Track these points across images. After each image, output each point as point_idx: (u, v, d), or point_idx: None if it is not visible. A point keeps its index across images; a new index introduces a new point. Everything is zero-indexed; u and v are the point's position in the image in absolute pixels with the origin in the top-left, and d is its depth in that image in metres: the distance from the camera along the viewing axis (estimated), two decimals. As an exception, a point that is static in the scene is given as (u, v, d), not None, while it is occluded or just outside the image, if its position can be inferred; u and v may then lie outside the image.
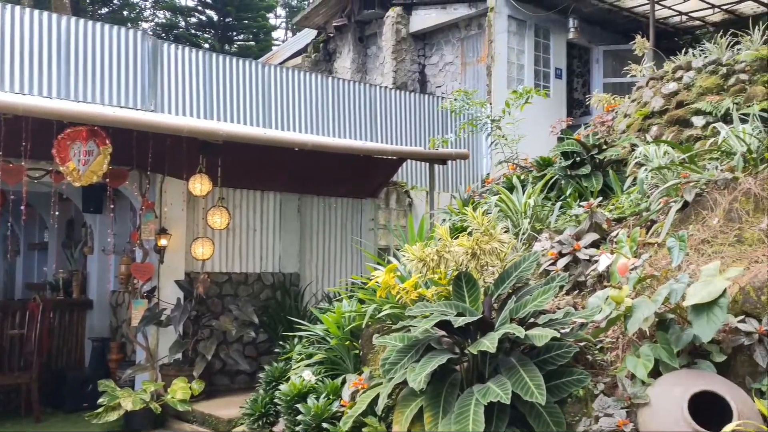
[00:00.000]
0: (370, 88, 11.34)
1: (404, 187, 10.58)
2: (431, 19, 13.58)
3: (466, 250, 4.77)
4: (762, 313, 4.21)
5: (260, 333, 8.71)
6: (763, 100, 6.74)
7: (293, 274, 9.43)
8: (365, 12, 14.21)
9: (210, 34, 30.72)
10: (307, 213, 9.61)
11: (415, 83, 13.95)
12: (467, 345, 4.40)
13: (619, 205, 6.40)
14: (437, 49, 14.01)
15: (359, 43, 14.88)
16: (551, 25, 13.12)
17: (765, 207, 5.01)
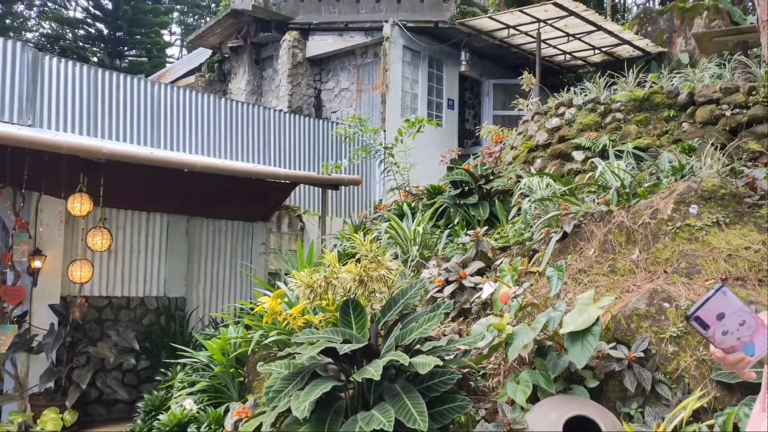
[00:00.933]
0: (264, 110, 11.24)
1: (297, 211, 10.51)
2: (328, 45, 13.67)
3: (354, 276, 4.77)
4: (632, 340, 4.44)
5: (141, 360, 8.35)
6: (636, 138, 7.18)
7: (179, 299, 9.13)
8: (262, 35, 14.12)
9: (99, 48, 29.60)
10: (196, 235, 9.36)
11: (310, 107, 13.96)
12: (353, 372, 4.38)
13: (504, 234, 6.61)
14: (333, 75, 14.10)
15: (255, 65, 14.76)
16: (445, 57, 13.50)
17: (636, 239, 5.30)
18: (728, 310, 1.45)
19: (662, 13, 13.32)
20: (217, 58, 15.52)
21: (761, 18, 4.10)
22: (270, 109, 11.41)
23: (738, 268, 4.78)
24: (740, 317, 1.44)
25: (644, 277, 5.01)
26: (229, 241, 9.69)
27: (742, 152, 6.39)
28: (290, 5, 13.97)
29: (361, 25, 13.09)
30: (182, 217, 9.17)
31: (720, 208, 5.26)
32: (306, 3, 13.83)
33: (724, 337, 1.46)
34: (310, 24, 13.73)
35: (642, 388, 4.20)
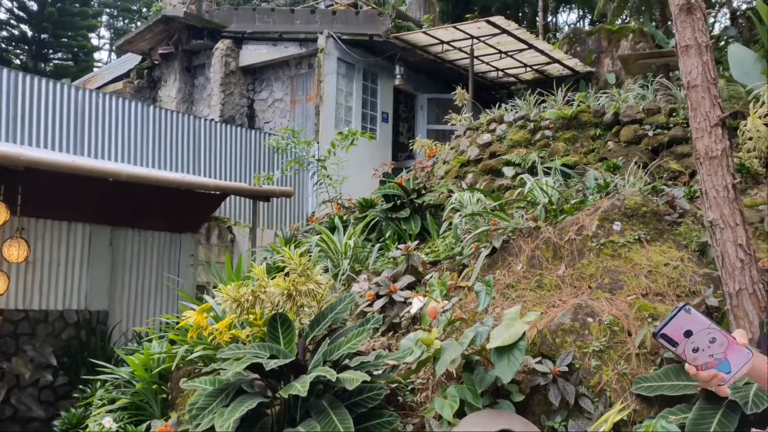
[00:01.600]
0: (195, 120, 11.03)
1: (227, 222, 10.33)
2: (262, 55, 13.54)
3: (283, 291, 4.70)
4: (557, 355, 4.51)
5: (59, 376, 8.00)
6: (564, 155, 7.35)
7: (101, 312, 8.81)
8: (194, 42, 13.88)
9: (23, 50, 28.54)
10: (120, 246, 9.07)
11: (243, 117, 13.78)
12: (280, 388, 4.30)
13: (435, 248, 6.64)
14: (267, 85, 13.97)
15: (186, 72, 14.49)
16: (379, 70, 13.56)
17: (562, 255, 5.40)
18: (695, 328, 1.47)
19: (591, 34, 13.74)
20: (147, 65, 15.17)
21: (679, 43, 4.25)
22: (201, 118, 11.21)
23: (658, 284, 4.93)
24: (709, 334, 1.47)
25: (570, 293, 5.11)
26: (155, 252, 9.42)
27: (663, 171, 6.62)
28: (224, 13, 13.79)
29: (295, 35, 13.03)
30: (106, 228, 8.88)
31: (642, 226, 5.41)
32: (240, 12, 13.68)
33: (695, 354, 1.48)
34: (244, 33, 13.58)
35: (566, 401, 4.27)
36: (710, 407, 3.76)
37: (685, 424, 3.73)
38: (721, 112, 4.12)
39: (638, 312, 4.66)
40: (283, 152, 9.73)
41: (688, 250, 5.30)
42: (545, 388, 4.33)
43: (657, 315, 4.61)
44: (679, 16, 4.21)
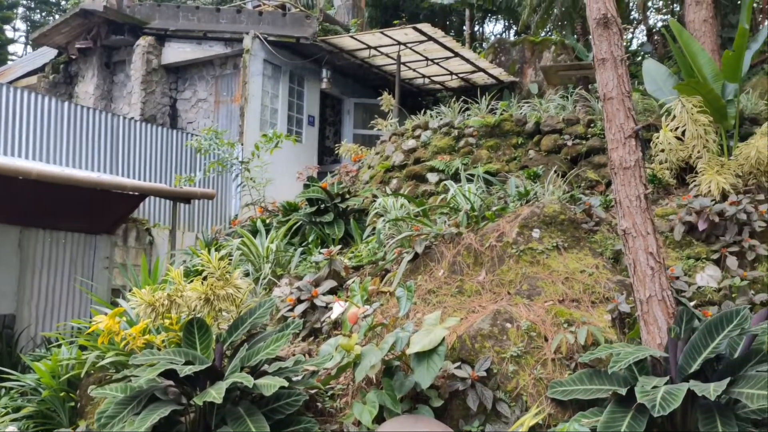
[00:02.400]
0: (113, 118, 10.67)
1: (145, 224, 10.03)
2: (185, 54, 13.23)
3: (200, 295, 4.58)
4: (476, 360, 4.55)
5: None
6: (487, 162, 7.46)
7: (8, 316, 8.39)
8: (114, 37, 13.43)
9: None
10: (30, 247, 8.66)
11: (165, 117, 13.42)
12: (195, 395, 4.19)
13: (358, 253, 6.62)
14: (191, 85, 13.65)
15: (106, 68, 14.01)
16: (306, 73, 13.46)
17: (483, 261, 5.47)
18: None
19: (515, 44, 14.04)
20: (64, 59, 14.58)
21: (596, 56, 4.37)
22: (120, 116, 10.85)
23: (574, 290, 5.05)
24: None
25: (489, 298, 5.18)
26: (68, 254, 9.04)
27: (581, 180, 6.80)
28: (146, 9, 13.41)
29: (220, 35, 12.78)
30: (14, 228, 8.46)
31: (560, 233, 5.54)
32: (163, 8, 13.32)
33: None
34: (167, 30, 13.23)
35: (484, 406, 4.31)
36: (620, 410, 3.87)
37: (597, 426, 3.82)
38: (635, 124, 4.25)
39: (555, 318, 4.76)
40: (205, 153, 9.52)
41: (603, 257, 5.45)
42: (464, 393, 4.37)
43: (573, 321, 4.73)
44: (597, 30, 4.33)
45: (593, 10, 4.32)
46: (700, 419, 3.67)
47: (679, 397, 3.50)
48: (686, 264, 5.24)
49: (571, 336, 4.54)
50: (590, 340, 4.50)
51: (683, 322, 4.07)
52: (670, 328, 4.02)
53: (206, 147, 9.00)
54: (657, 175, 6.26)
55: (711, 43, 8.12)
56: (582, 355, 4.40)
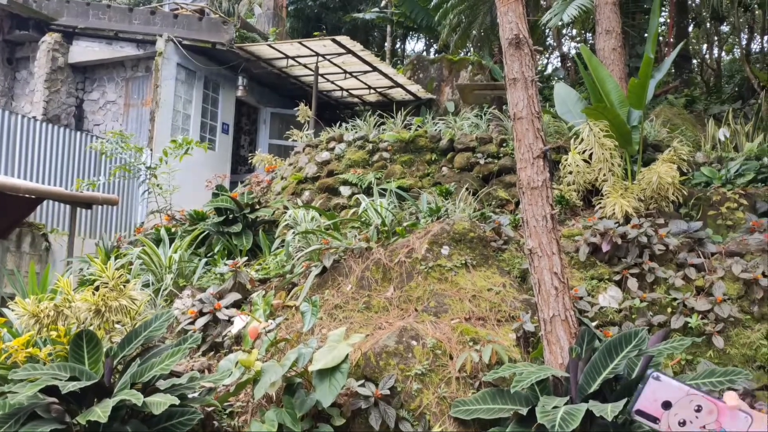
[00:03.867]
0: (12, 116, 10.09)
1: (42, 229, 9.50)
2: (94, 53, 12.71)
3: (90, 306, 4.31)
4: (380, 378, 4.46)
5: None
6: (400, 177, 7.43)
7: None
8: (17, 32, 12.76)
9: None
10: None
11: (70, 118, 12.83)
12: (81, 413, 3.91)
13: (266, 265, 6.44)
14: (99, 85, 13.12)
15: (8, 64, 13.29)
16: (222, 80, 13.17)
17: (392, 277, 5.40)
18: (673, 397, 1.31)
19: (434, 62, 14.19)
20: (-38, 52, 13.77)
21: (508, 75, 4.40)
22: (19, 114, 10.28)
23: (480, 309, 5.04)
24: (692, 402, 1.30)
25: (397, 315, 5.10)
26: (-45, 258, 8.46)
27: (492, 199, 6.86)
28: (53, 5, 12.82)
29: (133, 36, 12.35)
30: None
31: (469, 251, 5.54)
32: (72, 5, 12.77)
33: (683, 427, 1.31)
34: (75, 28, 12.68)
35: (386, 425, 4.22)
36: (521, 430, 3.86)
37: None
38: (544, 145, 4.29)
39: (461, 336, 4.73)
40: (110, 157, 9.11)
41: (511, 276, 5.49)
42: (367, 411, 4.26)
43: (478, 339, 4.71)
44: (509, 50, 4.36)
45: (506, 30, 4.35)
46: (597, 439, 3.69)
47: (578, 418, 3.51)
48: (590, 284, 5.33)
49: (476, 354, 4.51)
50: (495, 359, 4.49)
51: (585, 342, 4.11)
52: (572, 348, 4.05)
53: (111, 150, 8.61)
54: (565, 196, 6.38)
55: (619, 71, 8.39)
56: (486, 374, 4.37)
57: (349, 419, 4.30)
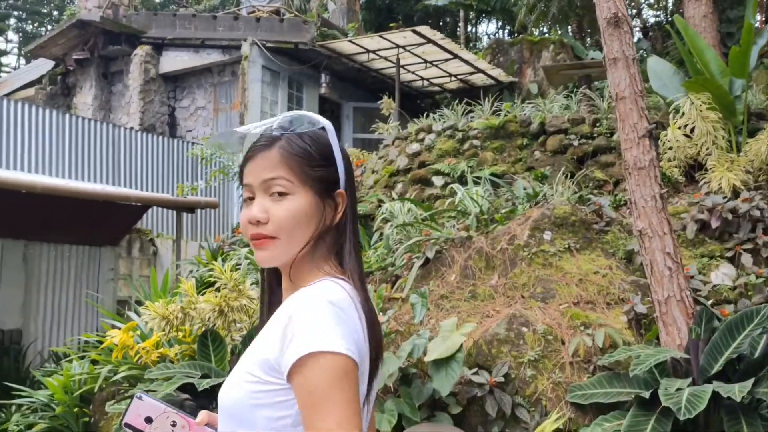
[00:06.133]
0: (113, 128, 10.62)
1: (149, 235, 9.98)
2: (183, 62, 13.19)
3: (214, 307, 4.54)
4: (493, 365, 4.52)
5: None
6: (492, 164, 7.43)
7: (15, 331, 8.32)
8: (111, 47, 13.39)
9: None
10: (35, 262, 8.61)
11: (164, 126, 13.38)
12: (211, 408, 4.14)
13: (367, 259, 6.57)
14: (189, 93, 13.61)
15: (103, 79, 13.96)
16: (305, 79, 13.43)
17: (495, 265, 5.44)
18: (153, 414, 1.49)
19: (513, 44, 14.03)
20: (61, 70, 14.54)
21: (607, 55, 4.34)
22: (120, 126, 10.81)
23: (588, 292, 5.02)
24: (168, 418, 1.51)
25: (503, 302, 5.14)
26: (73, 267, 8.98)
27: (589, 180, 6.77)
28: (142, 19, 13.37)
29: (218, 42, 12.75)
30: (19, 242, 8.41)
31: (571, 234, 5.51)
32: (160, 17, 13.29)
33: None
34: (164, 39, 13.20)
35: (502, 412, 4.28)
36: (643, 413, 3.84)
37: (620, 430, 3.78)
38: (648, 124, 4.22)
39: (571, 320, 4.73)
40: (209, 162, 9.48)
41: (616, 257, 5.42)
42: (482, 399, 4.33)
43: (589, 323, 4.69)
44: (607, 30, 4.31)
45: (603, 10, 4.30)
46: (725, 420, 3.64)
47: (705, 399, 3.47)
48: (700, 263, 5.21)
49: (589, 338, 4.50)
50: (608, 343, 4.47)
51: (703, 322, 4.04)
52: (691, 328, 3.99)
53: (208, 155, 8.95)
54: (666, 173, 6.23)
55: (711, 39, 8.11)
56: (600, 358, 4.36)
57: (465, 407, 4.38)
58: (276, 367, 1.29)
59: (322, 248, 1.43)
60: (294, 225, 1.38)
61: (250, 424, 1.33)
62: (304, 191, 1.39)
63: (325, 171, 1.42)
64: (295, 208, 1.38)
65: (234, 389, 1.37)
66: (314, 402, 1.24)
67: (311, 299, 1.32)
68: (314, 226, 1.40)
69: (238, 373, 1.37)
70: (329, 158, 1.44)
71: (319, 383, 1.24)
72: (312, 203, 1.40)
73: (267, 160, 1.40)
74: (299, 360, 1.25)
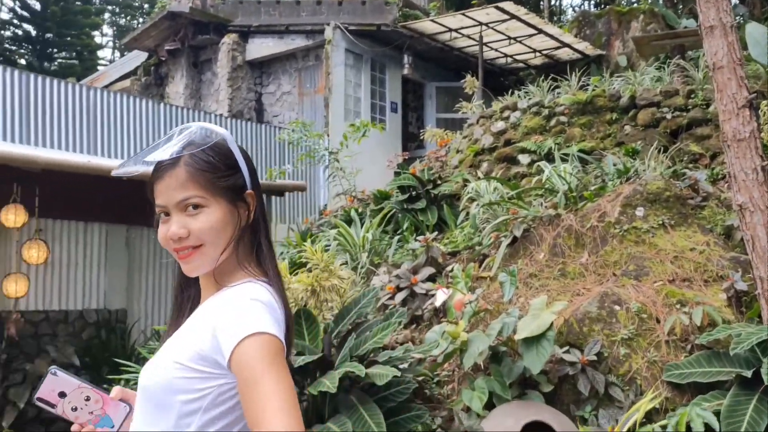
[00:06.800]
0: (204, 116, 10.98)
1: (241, 218, 10.29)
2: (268, 48, 13.45)
3: (306, 287, 4.67)
4: (584, 344, 4.47)
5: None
6: (580, 141, 7.28)
7: (120, 311, 8.82)
8: (200, 37, 13.79)
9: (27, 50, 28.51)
10: (137, 245, 9.06)
11: (251, 111, 13.72)
12: (306, 384, 4.28)
13: (454, 239, 6.59)
14: (275, 78, 13.89)
15: (193, 68, 14.41)
16: (387, 60, 13.47)
17: (585, 242, 5.35)
18: (68, 389, 1.54)
19: (600, 16, 13.61)
20: (154, 61, 15.11)
21: (703, 24, 4.17)
22: (211, 113, 11.17)
23: (684, 269, 4.88)
24: (82, 393, 1.56)
25: (594, 280, 5.06)
26: (170, 250, 9.39)
27: (683, 154, 6.54)
28: (229, 7, 13.70)
29: (302, 27, 12.93)
30: (122, 227, 8.87)
31: (665, 210, 5.36)
32: (245, 5, 13.58)
33: (75, 413, 1.57)
34: (250, 26, 13.49)
35: (595, 390, 4.24)
36: (744, 393, 3.72)
37: (720, 411, 3.68)
38: (748, 93, 4.05)
39: (666, 298, 4.61)
40: (294, 146, 9.67)
41: (714, 233, 5.24)
42: (574, 377, 4.30)
43: (685, 301, 4.56)
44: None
45: (697, -23, 4.13)
46: (833, 401, 3.49)
47: (811, 379, 3.34)
48: (805, 237, 4.96)
49: (685, 317, 4.39)
50: (706, 321, 4.34)
51: (809, 299, 3.87)
52: (796, 306, 3.83)
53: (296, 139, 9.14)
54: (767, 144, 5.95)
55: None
56: (698, 337, 4.25)
57: (557, 385, 4.36)
58: (208, 357, 1.42)
59: (242, 248, 1.54)
60: (214, 235, 1.48)
61: (166, 406, 1.45)
62: (216, 202, 1.49)
63: (233, 179, 1.53)
64: (212, 220, 1.48)
65: (157, 374, 1.48)
66: (255, 377, 1.34)
67: (241, 297, 1.45)
68: (231, 231, 1.51)
69: (163, 360, 1.49)
70: (234, 166, 1.54)
71: (258, 361, 1.35)
72: (226, 211, 1.50)
73: (175, 179, 1.49)
74: (238, 344, 1.36)
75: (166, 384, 1.45)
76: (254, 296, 1.44)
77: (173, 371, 1.44)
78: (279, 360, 1.37)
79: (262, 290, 1.48)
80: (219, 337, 1.40)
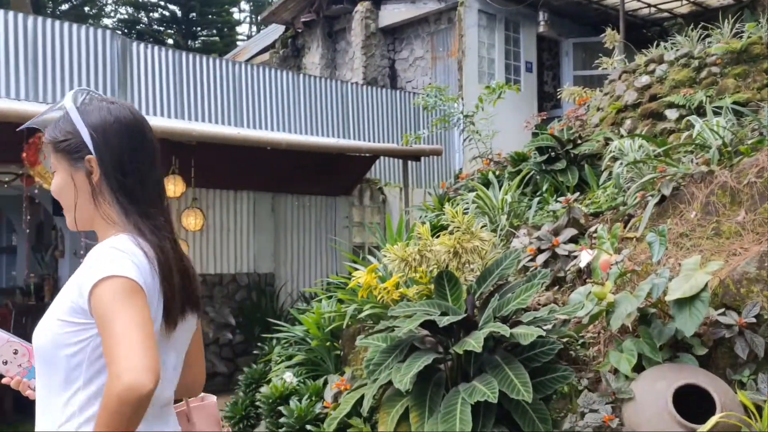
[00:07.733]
0: (341, 84, 11.25)
1: (377, 183, 10.53)
2: (400, 14, 13.51)
3: (448, 249, 4.74)
4: (741, 306, 4.25)
5: (237, 334, 8.59)
6: (734, 92, 6.81)
7: (268, 275, 9.33)
8: (334, 7, 14.08)
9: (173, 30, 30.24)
10: (281, 212, 9.51)
11: (385, 78, 13.88)
12: (451, 344, 4.38)
13: (596, 199, 6.42)
14: (407, 44, 13.95)
15: (328, 38, 14.75)
16: (521, 18, 13.16)
17: (741, 200, 5.05)
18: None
19: (754, -44, 12.56)
20: (290, 34, 15.59)
21: None
22: (346, 82, 11.42)
23: None
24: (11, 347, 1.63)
25: (752, 239, 4.78)
26: (313, 216, 9.80)
27: None
28: (357, -26, 13.87)
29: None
30: (267, 194, 9.33)
31: (834, 164, 4.95)
32: (378, -28, 13.70)
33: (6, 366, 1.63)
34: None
35: (754, 354, 4.04)
36: None
37: None
38: None
39: (835, 258, 4.29)
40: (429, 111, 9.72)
41: None
42: (730, 340, 4.11)
43: None
44: None
45: None
46: None
47: None
48: None
49: None
50: None
51: None
52: None
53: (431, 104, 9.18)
54: None
55: None
56: None
57: (711, 349, 4.19)
58: (78, 308, 1.54)
59: (102, 207, 1.68)
60: (62, 195, 1.70)
61: (55, 362, 1.56)
62: (60, 167, 1.69)
63: (67, 144, 1.68)
64: (57, 182, 1.70)
65: (43, 333, 1.59)
66: (107, 318, 1.46)
67: (100, 247, 1.59)
68: (72, 192, 1.68)
69: (48, 319, 1.60)
70: (72, 132, 1.67)
71: (110, 302, 1.47)
72: (65, 174, 1.69)
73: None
74: (92, 288, 1.49)
75: (52, 341, 1.57)
76: (112, 245, 1.58)
77: (56, 327, 1.57)
78: (133, 301, 1.48)
79: (123, 239, 1.60)
80: (81, 286, 1.54)
